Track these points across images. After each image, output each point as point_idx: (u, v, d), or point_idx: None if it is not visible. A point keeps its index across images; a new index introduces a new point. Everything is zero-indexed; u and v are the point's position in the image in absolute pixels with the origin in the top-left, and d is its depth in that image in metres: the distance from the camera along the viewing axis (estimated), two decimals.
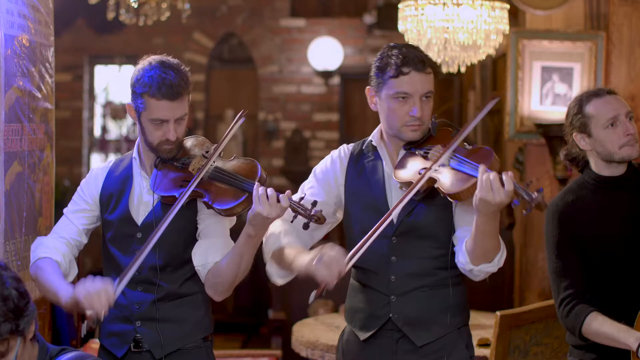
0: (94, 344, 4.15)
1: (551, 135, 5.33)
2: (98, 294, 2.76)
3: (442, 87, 9.71)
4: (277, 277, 3.06)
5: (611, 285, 3.14)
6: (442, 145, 2.93)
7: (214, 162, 2.98)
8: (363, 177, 3.05)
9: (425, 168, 2.90)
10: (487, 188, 2.71)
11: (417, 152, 2.97)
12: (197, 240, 3.01)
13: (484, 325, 4.51)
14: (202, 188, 2.93)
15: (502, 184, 2.71)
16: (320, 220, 2.82)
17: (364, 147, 3.10)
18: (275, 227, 3.03)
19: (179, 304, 3.01)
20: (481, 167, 2.76)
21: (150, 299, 2.98)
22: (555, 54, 5.48)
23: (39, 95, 3.52)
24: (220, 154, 3.03)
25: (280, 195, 2.81)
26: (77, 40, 9.63)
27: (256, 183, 2.84)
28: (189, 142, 3.08)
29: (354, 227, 3.05)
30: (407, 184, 2.92)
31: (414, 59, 2.94)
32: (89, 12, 9.00)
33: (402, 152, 3.02)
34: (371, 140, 3.08)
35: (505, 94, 5.75)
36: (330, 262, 2.77)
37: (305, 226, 2.84)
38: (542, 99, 5.50)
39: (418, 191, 2.90)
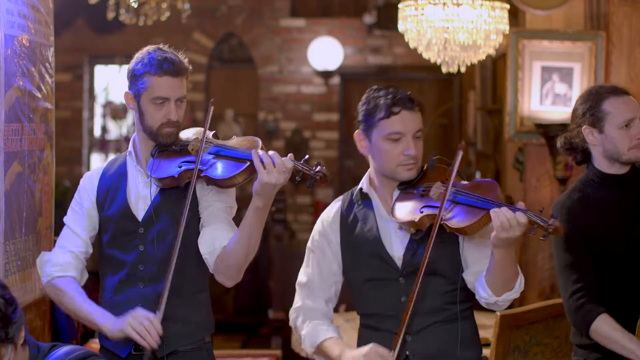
0: (94, 344, 4.14)
1: (551, 135, 5.33)
2: (148, 331, 2.82)
3: (442, 87, 9.72)
4: None
5: (613, 283, 3.14)
6: (441, 182, 2.91)
7: (212, 143, 2.97)
8: (357, 227, 3.03)
9: (427, 206, 2.87)
10: (505, 227, 2.71)
11: (414, 191, 2.95)
12: (198, 232, 3.00)
13: (484, 325, 4.50)
14: (203, 165, 2.93)
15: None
16: (325, 177, 2.81)
17: (353, 197, 3.07)
18: (301, 324, 3.06)
19: (181, 303, 3.00)
20: (493, 209, 2.74)
21: (151, 297, 2.97)
22: (555, 54, 5.48)
23: (39, 95, 3.52)
24: (218, 137, 3.03)
25: (284, 158, 2.80)
26: (77, 40, 9.63)
27: (256, 150, 2.84)
28: (186, 133, 3.08)
29: (356, 277, 3.04)
30: (408, 224, 2.90)
31: (403, 98, 2.93)
32: (89, 12, 9.00)
33: (397, 193, 2.99)
34: (361, 188, 3.05)
35: (505, 94, 5.75)
36: None
37: (311, 185, 2.82)
38: (542, 99, 5.50)
39: (419, 230, 2.89)
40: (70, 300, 2.98)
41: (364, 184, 3.06)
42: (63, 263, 3.02)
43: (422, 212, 2.87)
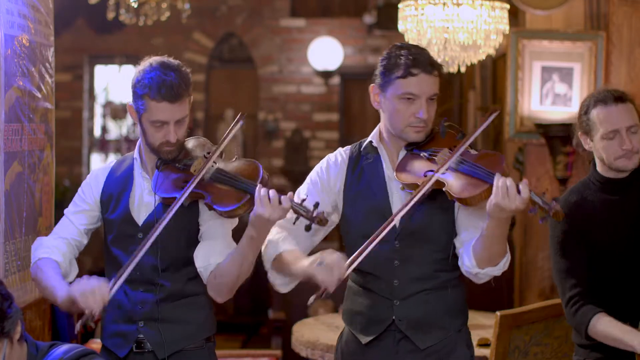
0: (94, 344, 4.15)
1: (551, 135, 5.33)
2: (93, 292, 2.76)
3: (442, 87, 9.69)
4: (280, 285, 3.04)
5: (612, 286, 3.14)
6: (449, 149, 2.92)
7: (214, 163, 2.98)
8: (363, 180, 3.03)
9: (431, 170, 2.88)
10: (503, 195, 2.71)
11: (420, 154, 2.95)
12: (198, 242, 3.01)
13: (484, 325, 4.51)
14: (204, 189, 2.93)
15: (519, 191, 2.71)
16: (322, 222, 2.78)
17: (362, 149, 3.07)
18: (274, 234, 3.01)
19: (181, 305, 3.01)
20: (497, 175, 2.75)
21: (152, 300, 2.98)
22: (555, 54, 5.48)
23: (39, 95, 3.52)
24: (221, 155, 3.03)
25: (282, 197, 2.79)
26: (77, 40, 9.63)
27: (258, 185, 2.83)
28: (190, 143, 3.08)
29: (353, 231, 3.03)
30: (411, 186, 2.90)
31: (424, 61, 2.94)
32: (89, 12, 9.01)
33: (403, 153, 3.00)
34: (371, 141, 3.06)
35: (505, 94, 5.75)
36: (331, 266, 2.77)
37: (308, 228, 2.80)
38: (542, 99, 5.50)
39: (423, 194, 2.89)
40: (44, 276, 2.93)
41: (374, 137, 3.05)
42: (52, 247, 3.02)
43: (426, 176, 2.88)
